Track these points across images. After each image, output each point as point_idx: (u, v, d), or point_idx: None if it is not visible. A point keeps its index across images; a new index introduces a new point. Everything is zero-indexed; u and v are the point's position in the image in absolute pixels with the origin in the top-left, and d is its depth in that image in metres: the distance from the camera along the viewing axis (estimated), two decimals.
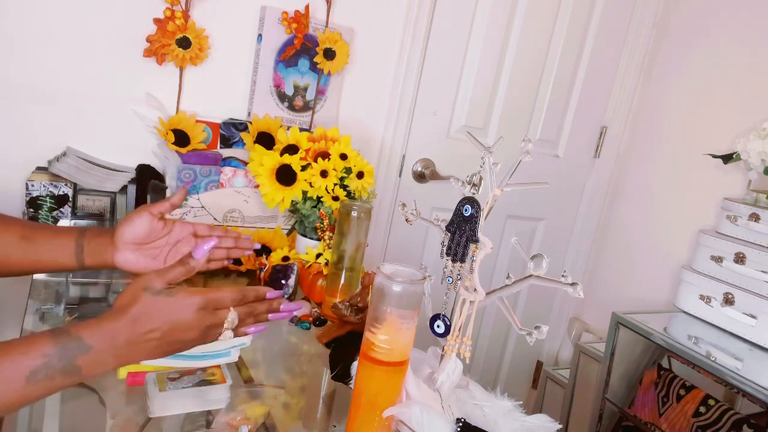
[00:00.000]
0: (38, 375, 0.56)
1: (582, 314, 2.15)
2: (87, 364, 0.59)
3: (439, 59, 1.69)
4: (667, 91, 1.93)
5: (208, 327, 0.67)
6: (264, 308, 0.73)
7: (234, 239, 0.91)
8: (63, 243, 0.81)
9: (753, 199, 1.55)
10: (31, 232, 0.81)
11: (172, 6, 1.26)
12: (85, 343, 0.59)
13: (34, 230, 0.81)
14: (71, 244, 0.81)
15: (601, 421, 1.62)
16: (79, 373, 0.59)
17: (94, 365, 0.60)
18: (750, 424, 1.25)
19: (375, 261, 1.51)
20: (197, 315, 0.65)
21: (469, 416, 0.69)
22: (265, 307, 0.73)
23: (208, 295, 0.67)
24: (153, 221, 0.85)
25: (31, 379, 0.56)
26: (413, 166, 1.77)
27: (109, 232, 0.84)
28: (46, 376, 0.57)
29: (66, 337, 0.59)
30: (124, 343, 0.62)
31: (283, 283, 1.13)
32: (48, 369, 0.57)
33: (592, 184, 2.07)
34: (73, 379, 0.59)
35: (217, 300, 0.68)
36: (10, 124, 1.24)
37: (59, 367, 0.58)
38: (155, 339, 0.63)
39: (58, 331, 0.60)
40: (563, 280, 0.66)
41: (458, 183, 0.76)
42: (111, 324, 0.62)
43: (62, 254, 0.81)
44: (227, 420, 0.74)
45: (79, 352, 0.59)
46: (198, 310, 0.65)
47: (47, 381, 0.57)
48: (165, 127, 1.28)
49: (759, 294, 1.44)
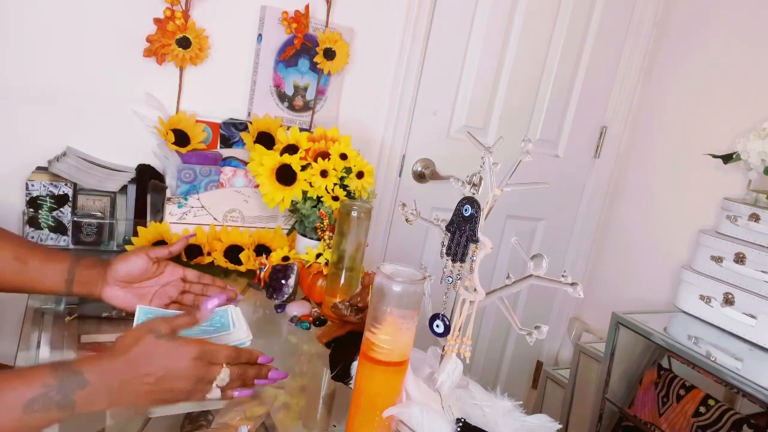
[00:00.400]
0: (36, 405, 0.58)
1: (582, 314, 2.15)
2: (82, 399, 0.61)
3: (439, 59, 1.69)
4: (667, 91, 1.93)
5: (200, 380, 0.68)
6: (254, 373, 0.75)
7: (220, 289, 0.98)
8: (55, 269, 0.84)
9: (753, 199, 1.55)
10: (25, 253, 0.83)
11: (172, 6, 1.26)
12: (83, 378, 0.61)
13: (28, 252, 0.84)
14: (63, 272, 0.84)
15: (601, 421, 1.62)
16: (73, 409, 0.60)
17: (88, 402, 0.62)
18: (750, 424, 1.25)
19: (375, 261, 1.51)
20: (192, 364, 0.67)
21: (469, 416, 0.69)
22: (254, 371, 0.75)
23: (205, 347, 0.69)
24: (148, 264, 0.89)
25: (28, 409, 0.58)
26: (413, 166, 1.77)
27: (102, 264, 0.88)
28: (43, 407, 0.58)
29: (67, 370, 0.61)
30: (119, 383, 0.63)
31: (283, 283, 1.13)
32: (45, 400, 0.59)
33: (592, 184, 2.07)
34: (66, 413, 0.60)
35: (212, 353, 0.70)
36: (10, 124, 1.24)
37: (56, 399, 0.59)
38: (149, 383, 0.65)
39: (59, 364, 0.62)
40: (563, 280, 0.66)
41: (458, 183, 0.76)
42: (110, 361, 0.64)
43: (53, 280, 0.84)
44: (227, 420, 0.74)
45: (77, 387, 0.60)
46: (193, 360, 0.67)
47: (43, 412, 0.59)
48: (165, 127, 1.27)
49: (759, 294, 1.44)
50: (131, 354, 0.65)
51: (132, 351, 0.65)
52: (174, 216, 1.23)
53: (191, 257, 1.20)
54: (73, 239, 1.20)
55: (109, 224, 1.23)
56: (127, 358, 0.64)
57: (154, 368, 0.65)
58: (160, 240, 1.19)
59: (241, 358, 0.74)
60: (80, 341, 0.87)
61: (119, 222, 1.24)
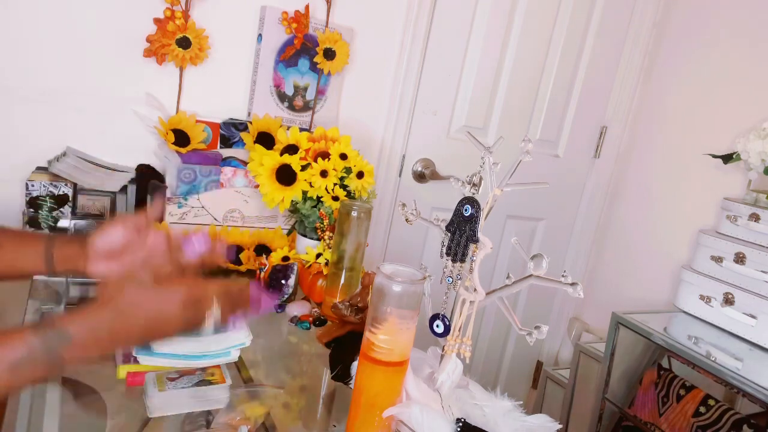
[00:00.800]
0: (22, 364, 0.57)
1: (582, 314, 2.15)
2: (70, 353, 0.60)
3: (439, 59, 1.69)
4: (667, 91, 1.93)
5: (191, 320, 0.67)
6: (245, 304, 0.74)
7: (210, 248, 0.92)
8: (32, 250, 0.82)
9: (753, 199, 1.55)
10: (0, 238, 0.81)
11: (172, 6, 1.26)
12: (67, 333, 0.60)
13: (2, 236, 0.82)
14: (40, 251, 0.82)
15: (601, 421, 1.61)
16: (62, 362, 0.60)
17: (77, 355, 0.60)
18: (750, 424, 1.25)
19: (375, 261, 1.51)
20: (181, 308, 0.66)
21: (469, 416, 0.69)
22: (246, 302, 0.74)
23: (192, 289, 0.67)
24: (128, 233, 0.85)
25: (14, 369, 0.57)
26: (413, 166, 1.77)
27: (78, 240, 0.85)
28: (30, 366, 0.58)
29: (49, 328, 0.60)
30: (106, 333, 0.62)
31: (283, 283, 1.13)
32: (31, 359, 0.58)
33: (592, 184, 2.07)
34: (56, 368, 0.60)
35: (201, 294, 0.68)
36: (10, 123, 1.24)
37: (42, 357, 0.58)
38: (137, 330, 0.64)
39: (41, 323, 0.60)
40: (563, 280, 0.66)
41: (458, 183, 0.76)
42: (94, 314, 0.63)
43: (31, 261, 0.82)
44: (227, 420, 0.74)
45: (62, 343, 0.59)
46: (182, 303, 0.66)
47: (31, 370, 0.58)
48: (165, 127, 1.27)
49: (759, 294, 1.44)
50: (115, 304, 0.63)
51: (116, 301, 0.63)
52: (174, 216, 1.23)
53: None
54: None
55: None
56: (112, 309, 0.63)
57: (142, 315, 0.64)
58: None
59: (230, 292, 0.72)
60: None
61: None
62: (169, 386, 0.74)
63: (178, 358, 0.79)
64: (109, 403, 0.74)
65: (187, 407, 0.75)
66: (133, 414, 0.73)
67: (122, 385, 0.77)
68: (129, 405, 0.74)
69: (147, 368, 0.78)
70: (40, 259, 0.82)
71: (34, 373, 0.58)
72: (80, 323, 0.61)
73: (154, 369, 0.78)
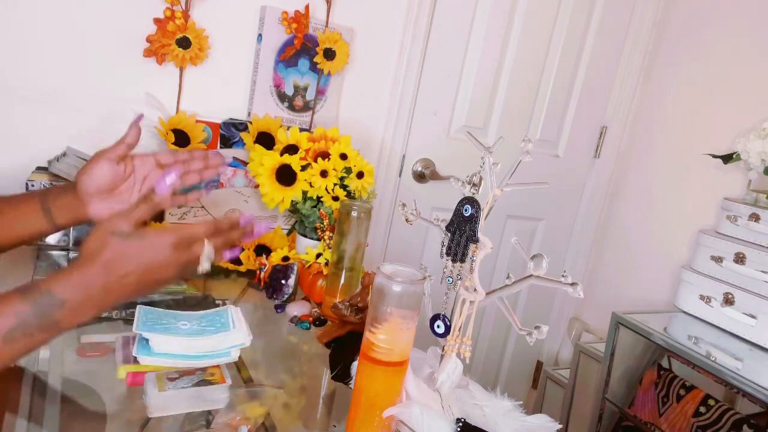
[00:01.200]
0: (15, 333, 0.55)
1: (582, 314, 2.15)
2: (65, 316, 0.58)
3: (439, 59, 1.69)
4: (667, 91, 1.93)
5: (185, 263, 0.66)
6: (238, 234, 0.72)
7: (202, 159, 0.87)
8: (29, 209, 0.79)
9: (753, 199, 1.55)
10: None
11: (172, 6, 1.26)
12: (58, 298, 0.58)
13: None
14: (37, 208, 0.79)
15: (601, 421, 1.61)
16: (58, 326, 0.58)
17: (72, 316, 0.59)
18: (750, 424, 1.25)
19: (375, 261, 1.51)
20: (172, 253, 0.64)
21: (469, 416, 0.69)
22: (238, 233, 0.72)
23: (181, 232, 0.65)
24: (112, 166, 0.81)
25: (8, 339, 0.55)
26: (413, 166, 1.77)
27: (70, 187, 0.81)
28: (24, 334, 0.56)
29: (37, 293, 0.57)
30: (99, 291, 0.60)
31: (283, 283, 1.13)
32: (24, 327, 0.56)
33: (592, 184, 2.07)
34: (53, 332, 0.58)
35: (190, 235, 0.66)
36: (10, 124, 1.24)
37: (36, 323, 0.56)
38: (132, 282, 0.62)
39: (28, 288, 0.58)
40: (563, 280, 0.66)
41: (458, 183, 0.76)
42: (82, 274, 0.60)
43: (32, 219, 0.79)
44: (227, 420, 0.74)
45: (53, 307, 0.57)
46: (172, 248, 0.64)
47: (26, 338, 0.56)
48: (165, 127, 1.27)
49: (759, 294, 1.44)
50: (103, 259, 0.61)
51: (102, 256, 0.61)
52: (174, 216, 1.23)
53: None
54: (74, 239, 1.20)
55: None
56: (100, 264, 0.61)
57: (133, 266, 0.62)
58: None
59: (221, 227, 0.70)
60: (80, 341, 0.87)
61: None
62: (169, 386, 0.74)
63: (178, 358, 0.80)
64: (109, 403, 0.74)
65: (187, 407, 0.75)
66: (133, 414, 0.73)
67: (122, 385, 0.77)
68: (129, 405, 0.74)
69: (147, 368, 0.78)
70: (39, 215, 0.79)
71: (30, 340, 0.56)
72: (68, 283, 0.59)
73: (154, 369, 0.78)
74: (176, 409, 0.74)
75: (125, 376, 0.78)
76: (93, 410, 0.73)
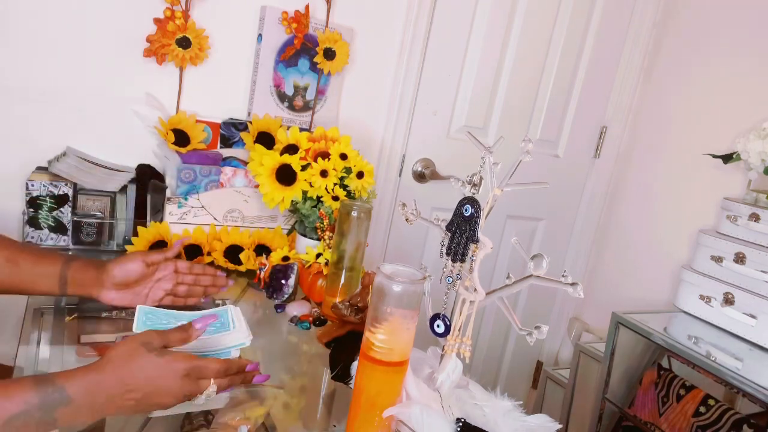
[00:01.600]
0: (16, 422, 0.57)
1: (582, 314, 2.15)
2: (63, 416, 0.60)
3: (439, 59, 1.69)
4: (667, 91, 1.93)
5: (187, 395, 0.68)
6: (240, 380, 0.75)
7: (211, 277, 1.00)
8: (47, 272, 0.84)
9: (753, 199, 1.55)
10: (17, 255, 0.83)
11: (172, 6, 1.26)
12: (66, 395, 0.60)
13: (19, 253, 0.83)
14: (55, 274, 0.84)
15: (601, 421, 1.61)
16: (54, 424, 0.59)
17: (70, 417, 0.60)
18: (750, 424, 1.25)
19: (375, 261, 1.51)
20: (180, 382, 0.66)
21: (469, 416, 0.69)
22: (241, 378, 0.75)
23: (194, 363, 0.68)
24: (144, 267, 0.90)
25: (8, 425, 0.57)
26: (413, 166, 1.77)
27: (95, 266, 0.87)
28: (23, 424, 0.57)
29: (50, 386, 0.59)
30: (104, 399, 0.62)
31: (283, 283, 1.13)
32: (26, 417, 0.57)
33: (592, 184, 2.07)
34: (47, 429, 0.59)
35: (201, 369, 0.68)
36: (10, 123, 1.24)
37: (37, 416, 0.58)
38: (135, 399, 0.64)
39: (43, 379, 0.60)
40: (563, 280, 0.66)
41: (458, 183, 0.76)
42: (96, 376, 0.62)
43: (46, 282, 0.84)
44: (227, 420, 0.74)
45: (60, 404, 0.59)
46: (182, 378, 0.66)
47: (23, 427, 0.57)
48: (165, 127, 1.28)
49: (759, 294, 1.44)
50: (118, 369, 0.63)
51: (120, 366, 0.63)
52: (174, 216, 1.23)
53: (191, 257, 1.20)
54: (73, 239, 1.20)
55: (109, 224, 1.23)
56: (114, 373, 0.63)
57: (142, 384, 0.63)
58: (160, 240, 1.19)
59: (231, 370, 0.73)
60: (80, 341, 0.87)
61: (119, 222, 1.24)
62: None
63: None
64: None
65: (187, 407, 0.75)
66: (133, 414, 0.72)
67: None
68: None
69: None
70: (54, 280, 0.84)
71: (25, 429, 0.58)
72: (80, 383, 0.61)
73: None
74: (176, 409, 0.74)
75: None
76: None
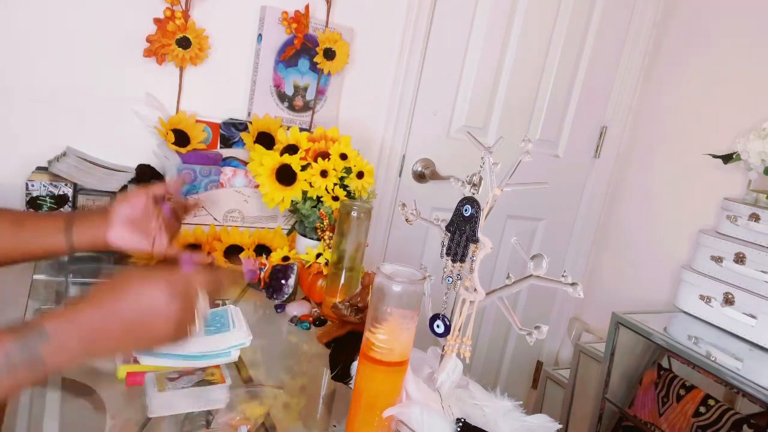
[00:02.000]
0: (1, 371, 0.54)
1: (582, 314, 2.15)
2: (50, 353, 0.56)
3: (439, 59, 1.69)
4: (668, 91, 1.93)
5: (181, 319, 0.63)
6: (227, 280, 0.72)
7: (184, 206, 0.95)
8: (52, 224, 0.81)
9: (753, 199, 1.55)
10: (21, 217, 0.81)
11: (172, 6, 1.26)
12: (44, 329, 0.56)
13: (23, 216, 0.82)
14: (60, 225, 0.81)
15: (601, 421, 1.61)
16: (43, 364, 0.56)
17: (58, 357, 0.57)
18: (750, 424, 1.25)
19: (375, 261, 1.51)
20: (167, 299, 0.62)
21: (469, 416, 0.69)
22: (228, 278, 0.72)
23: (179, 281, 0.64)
24: (149, 201, 0.87)
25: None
26: (413, 166, 1.77)
27: (99, 211, 0.85)
28: (8, 371, 0.54)
29: (28, 330, 0.56)
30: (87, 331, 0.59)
31: (283, 283, 1.13)
32: (9, 363, 0.54)
33: (592, 184, 2.07)
34: (37, 371, 0.56)
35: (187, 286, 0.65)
36: (10, 123, 1.24)
37: (21, 359, 0.55)
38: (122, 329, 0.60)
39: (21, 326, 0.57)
40: (563, 280, 0.66)
41: (458, 183, 0.76)
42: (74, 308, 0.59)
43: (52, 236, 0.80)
44: (227, 420, 0.74)
45: (40, 340, 0.56)
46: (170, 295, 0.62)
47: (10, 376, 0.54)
48: (165, 127, 1.28)
49: (759, 294, 1.44)
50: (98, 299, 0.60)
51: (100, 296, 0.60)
52: None
53: None
54: None
55: None
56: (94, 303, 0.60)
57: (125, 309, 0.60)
58: None
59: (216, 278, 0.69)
60: None
61: None
62: (168, 386, 0.74)
63: (178, 358, 0.79)
64: (109, 403, 0.74)
65: (187, 407, 0.75)
66: (133, 414, 0.73)
67: (122, 385, 0.77)
68: (129, 405, 0.74)
69: (147, 368, 0.78)
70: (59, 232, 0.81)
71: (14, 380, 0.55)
72: (58, 319, 0.58)
73: (154, 369, 0.78)
74: (176, 409, 0.74)
75: (125, 376, 0.78)
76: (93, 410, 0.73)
